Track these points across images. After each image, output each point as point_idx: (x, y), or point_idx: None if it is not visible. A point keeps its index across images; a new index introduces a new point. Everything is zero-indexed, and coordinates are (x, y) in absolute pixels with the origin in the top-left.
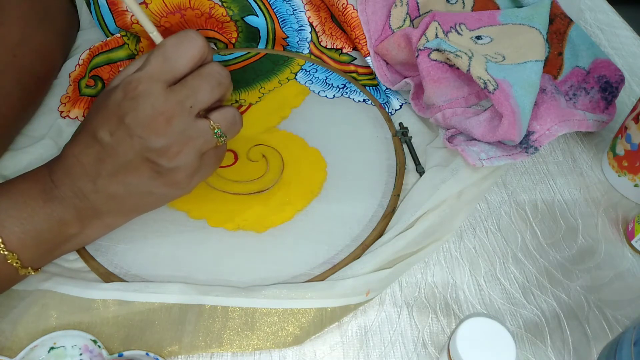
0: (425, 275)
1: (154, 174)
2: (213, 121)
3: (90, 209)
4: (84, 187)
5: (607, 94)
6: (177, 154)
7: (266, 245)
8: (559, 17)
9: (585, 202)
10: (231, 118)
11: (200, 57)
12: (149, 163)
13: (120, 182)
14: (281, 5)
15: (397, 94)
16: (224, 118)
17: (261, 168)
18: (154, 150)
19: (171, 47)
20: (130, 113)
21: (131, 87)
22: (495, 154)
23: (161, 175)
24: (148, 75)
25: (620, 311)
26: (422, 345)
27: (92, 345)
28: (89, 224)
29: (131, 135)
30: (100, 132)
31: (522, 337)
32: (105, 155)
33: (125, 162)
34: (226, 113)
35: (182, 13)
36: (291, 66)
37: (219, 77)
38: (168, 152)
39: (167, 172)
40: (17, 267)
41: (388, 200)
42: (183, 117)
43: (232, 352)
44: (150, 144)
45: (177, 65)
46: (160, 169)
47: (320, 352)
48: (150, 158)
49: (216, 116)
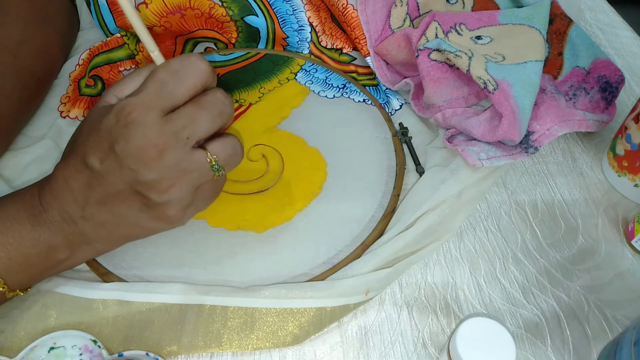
0: (425, 275)
1: (143, 207)
2: (211, 153)
3: (79, 234)
4: (73, 212)
5: (607, 94)
6: (169, 188)
7: (266, 245)
8: (559, 17)
9: (585, 202)
10: (230, 149)
11: (202, 85)
12: (139, 196)
13: (109, 211)
14: (281, 5)
15: (397, 94)
16: (223, 150)
17: (261, 168)
18: (144, 183)
19: (171, 72)
20: (121, 142)
21: (124, 114)
22: (495, 154)
23: (151, 208)
24: (143, 101)
25: (620, 311)
26: (422, 345)
27: (92, 345)
28: (78, 249)
29: (121, 165)
30: (90, 158)
31: (522, 337)
32: (95, 183)
33: (114, 192)
34: (225, 144)
35: (182, 13)
36: (291, 66)
37: (221, 106)
38: (159, 185)
39: (157, 206)
40: (3, 291)
41: (388, 201)
42: (177, 150)
43: (231, 351)
44: (140, 176)
45: (175, 93)
46: (150, 202)
47: (320, 352)
48: (140, 191)
49: (214, 147)
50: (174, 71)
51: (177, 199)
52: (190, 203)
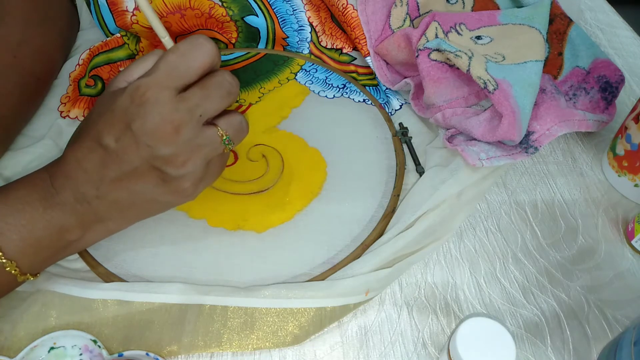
0: (425, 275)
1: (159, 182)
2: (221, 128)
3: (93, 214)
4: (87, 192)
5: (607, 94)
6: (185, 163)
7: (266, 245)
8: (559, 17)
9: (585, 202)
10: (238, 125)
11: (210, 64)
12: (156, 171)
13: (124, 188)
14: (281, 5)
15: (397, 94)
16: (231, 125)
17: (261, 168)
18: (161, 159)
19: (181, 53)
20: (138, 120)
21: (139, 94)
22: (495, 154)
23: (167, 183)
24: (157, 81)
25: (620, 311)
26: (422, 345)
27: (92, 345)
28: (90, 228)
29: (138, 142)
30: (105, 137)
31: (522, 337)
32: (110, 161)
33: (130, 169)
34: (233, 120)
35: (182, 13)
36: (291, 66)
37: (229, 86)
38: (176, 160)
39: (173, 180)
40: (15, 275)
41: (388, 201)
42: (192, 126)
43: (231, 351)
44: (157, 152)
45: (187, 72)
46: (167, 177)
47: (320, 352)
48: (157, 166)
49: (223, 123)
50: (184, 52)
51: (191, 172)
52: (203, 176)
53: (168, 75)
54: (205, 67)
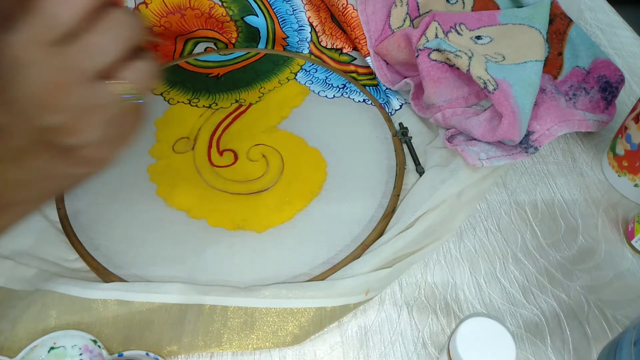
0: (425, 275)
1: (57, 154)
2: (119, 81)
3: None
4: None
5: (607, 94)
6: (80, 129)
7: (266, 245)
8: (559, 17)
9: (585, 202)
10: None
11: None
12: (48, 144)
13: (20, 167)
14: (281, 5)
15: (397, 94)
16: (131, 75)
17: (261, 168)
18: (50, 130)
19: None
20: (12, 87)
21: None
22: (495, 154)
23: (67, 154)
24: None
25: (620, 311)
26: (422, 345)
27: (92, 345)
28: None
29: (17, 114)
30: None
31: (522, 337)
32: None
33: (18, 147)
34: (134, 69)
35: (182, 13)
36: (291, 66)
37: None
38: (67, 128)
39: (72, 151)
40: None
41: (388, 201)
42: (79, 84)
43: (231, 351)
44: (43, 122)
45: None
46: (63, 148)
47: (320, 352)
48: (48, 138)
49: (125, 74)
50: None
51: (92, 138)
52: (112, 138)
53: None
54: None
